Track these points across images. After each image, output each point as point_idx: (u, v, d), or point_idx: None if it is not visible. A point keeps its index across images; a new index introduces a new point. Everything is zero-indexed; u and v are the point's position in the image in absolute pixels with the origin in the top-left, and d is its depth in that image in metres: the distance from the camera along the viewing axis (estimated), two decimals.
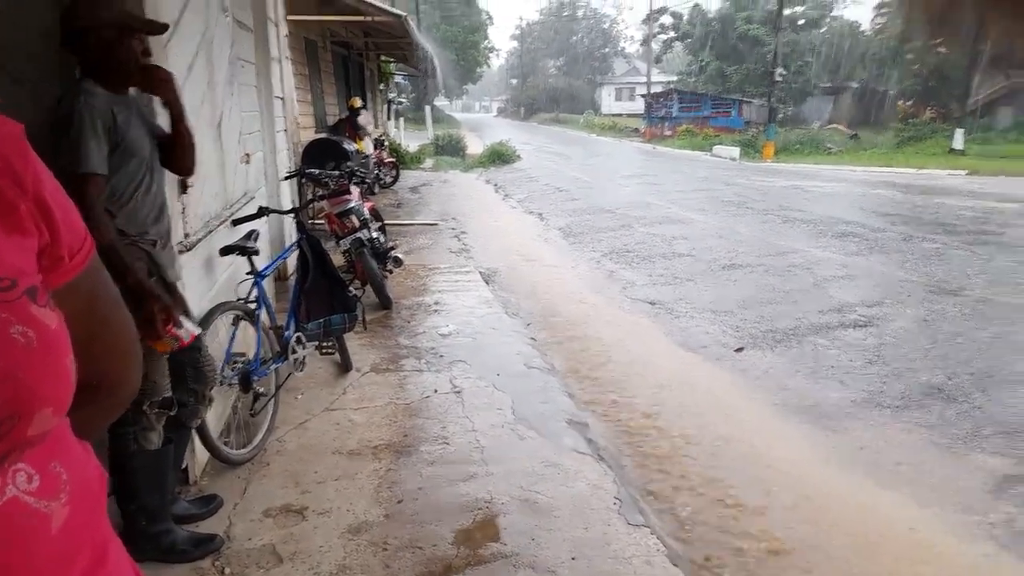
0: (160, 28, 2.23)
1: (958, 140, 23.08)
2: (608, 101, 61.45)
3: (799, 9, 37.86)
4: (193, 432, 2.81)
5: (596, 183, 16.35)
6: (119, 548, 0.71)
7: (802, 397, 4.27)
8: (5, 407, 0.53)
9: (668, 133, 34.48)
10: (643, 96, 40.76)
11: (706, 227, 10.14)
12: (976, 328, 5.36)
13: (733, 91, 37.90)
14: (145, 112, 2.37)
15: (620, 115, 51.36)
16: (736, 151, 24.42)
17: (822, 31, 38.62)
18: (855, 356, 4.86)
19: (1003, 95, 28.99)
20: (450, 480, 3.12)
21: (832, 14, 39.21)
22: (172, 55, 2.74)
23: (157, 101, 2.39)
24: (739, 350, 5.11)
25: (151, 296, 2.11)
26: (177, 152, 2.41)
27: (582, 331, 5.61)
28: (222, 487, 3.00)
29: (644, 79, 45.05)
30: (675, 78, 46.70)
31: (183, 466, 2.91)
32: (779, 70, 25.81)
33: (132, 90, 2.28)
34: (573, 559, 2.58)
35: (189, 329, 2.25)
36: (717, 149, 26.02)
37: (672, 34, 45.96)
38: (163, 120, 2.44)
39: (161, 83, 2.27)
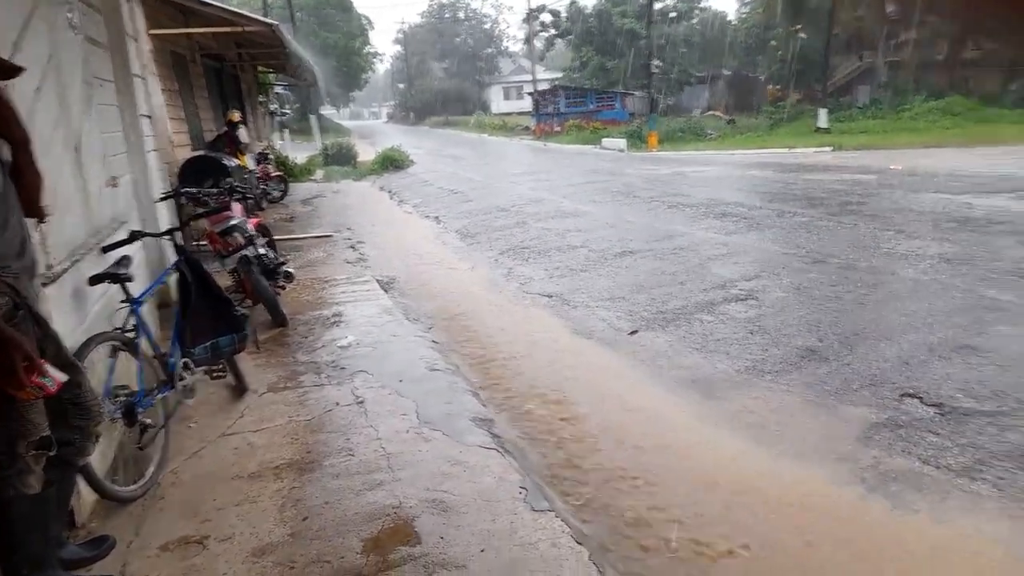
0: (12, 71, 2.11)
1: (822, 119, 24.79)
2: (497, 100, 61.99)
3: (669, 2, 39.58)
4: (78, 473, 2.66)
5: (490, 183, 16.49)
6: None
7: (692, 371, 4.51)
8: None
9: (558, 129, 35.18)
10: (530, 94, 41.39)
11: (597, 218, 10.45)
12: (843, 292, 5.81)
13: (616, 84, 39.11)
14: None
15: (510, 114, 51.91)
16: (623, 143, 25.22)
17: (693, 22, 40.54)
18: (738, 329, 5.17)
19: (859, 75, 31.42)
20: (356, 491, 3.10)
21: (700, 6, 41.23)
22: (16, 80, 2.58)
23: None
24: (633, 333, 5.32)
25: (11, 344, 1.97)
26: (23, 188, 2.26)
27: (483, 330, 5.68)
28: (114, 527, 2.86)
29: (530, 77, 45.74)
30: (560, 74, 47.72)
31: (68, 509, 2.75)
32: (655, 62, 26.91)
33: None
34: (482, 551, 2.63)
35: (55, 377, 2.11)
36: (605, 142, 26.79)
37: (553, 31, 46.92)
38: (5, 154, 2.29)
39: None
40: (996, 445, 3.31)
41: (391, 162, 20.83)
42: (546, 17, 46.60)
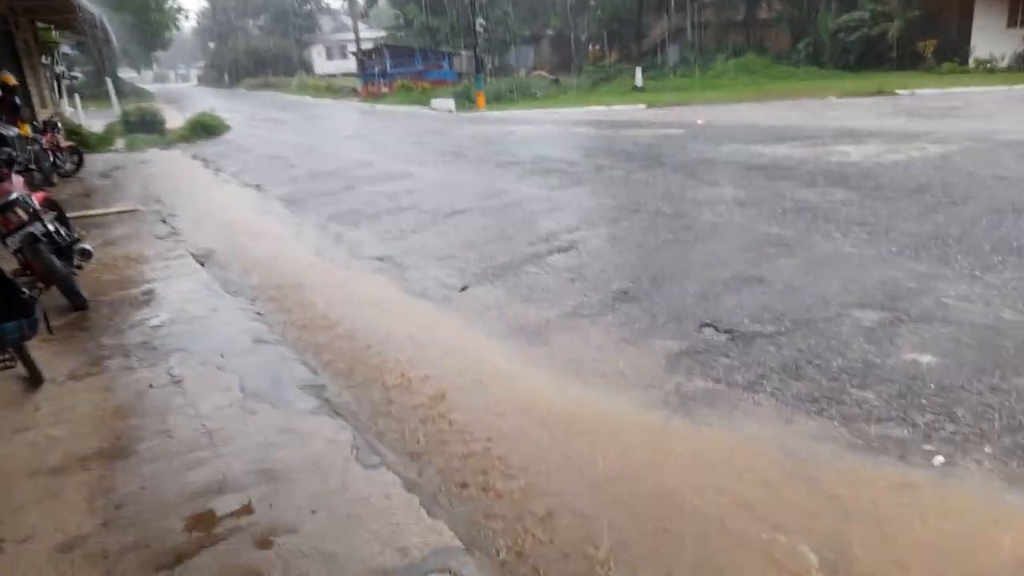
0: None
1: (638, 78, 26.23)
2: (320, 61, 59.23)
3: None
4: None
5: (316, 147, 15.86)
6: None
7: (518, 320, 4.70)
8: None
9: (385, 90, 34.34)
10: (354, 53, 39.97)
11: (427, 179, 10.43)
12: (652, 238, 6.29)
13: (442, 44, 38.72)
14: None
15: (335, 75, 49.88)
16: (452, 103, 25.15)
17: None
18: (560, 278, 5.44)
19: (670, 35, 33.40)
20: (176, 472, 2.96)
21: None
22: None
23: None
24: (463, 289, 5.44)
25: None
26: None
27: (312, 297, 5.54)
28: None
29: (353, 36, 44.05)
30: (384, 33, 46.38)
31: None
32: (480, 21, 26.88)
33: None
34: (314, 512, 2.64)
35: None
36: (435, 102, 26.57)
37: None
38: None
39: None
40: (775, 361, 3.79)
41: (204, 128, 19.34)
42: None
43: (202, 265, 6.34)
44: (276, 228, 8.22)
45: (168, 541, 2.51)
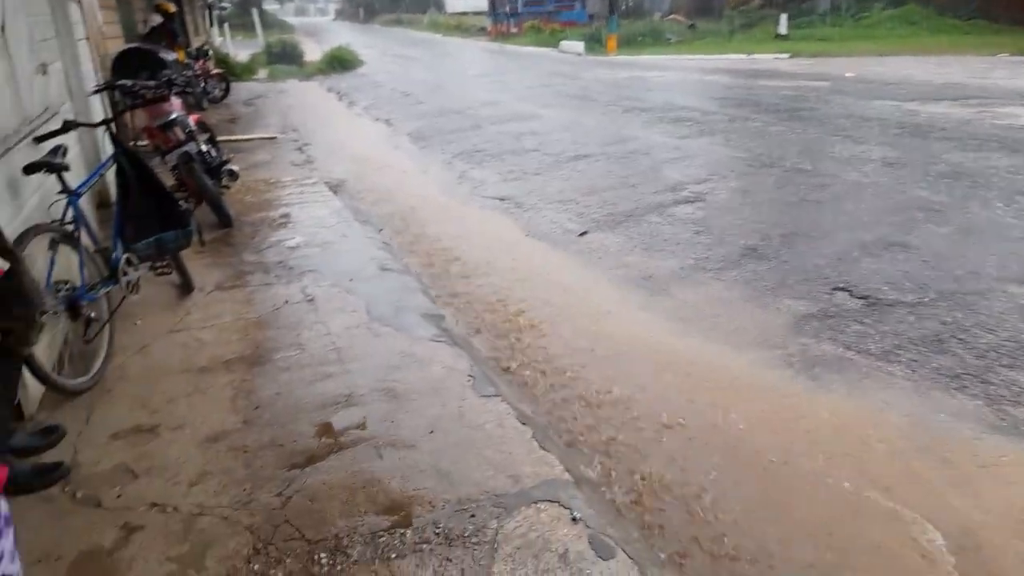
0: None
1: (783, 25, 24.48)
2: None
3: None
4: (24, 364, 2.65)
5: (443, 85, 16.02)
6: None
7: (638, 269, 4.63)
8: None
9: (515, 30, 34.00)
10: None
11: (553, 122, 10.32)
12: (787, 195, 5.95)
13: None
14: None
15: (465, 13, 49.78)
16: (581, 46, 24.56)
17: None
18: (685, 229, 5.28)
19: None
20: (307, 382, 3.17)
21: None
22: None
23: None
24: (583, 234, 5.39)
25: None
26: None
27: (434, 231, 5.68)
28: (63, 417, 2.88)
29: None
30: None
31: (15, 400, 2.75)
32: None
33: None
34: (431, 433, 2.75)
35: None
36: (563, 44, 26.05)
37: None
38: None
39: None
40: (914, 332, 3.53)
41: (340, 62, 19.97)
42: None
43: (335, 193, 6.62)
44: (403, 163, 8.43)
45: (300, 443, 2.70)
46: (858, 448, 2.73)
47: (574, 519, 2.26)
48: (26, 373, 2.75)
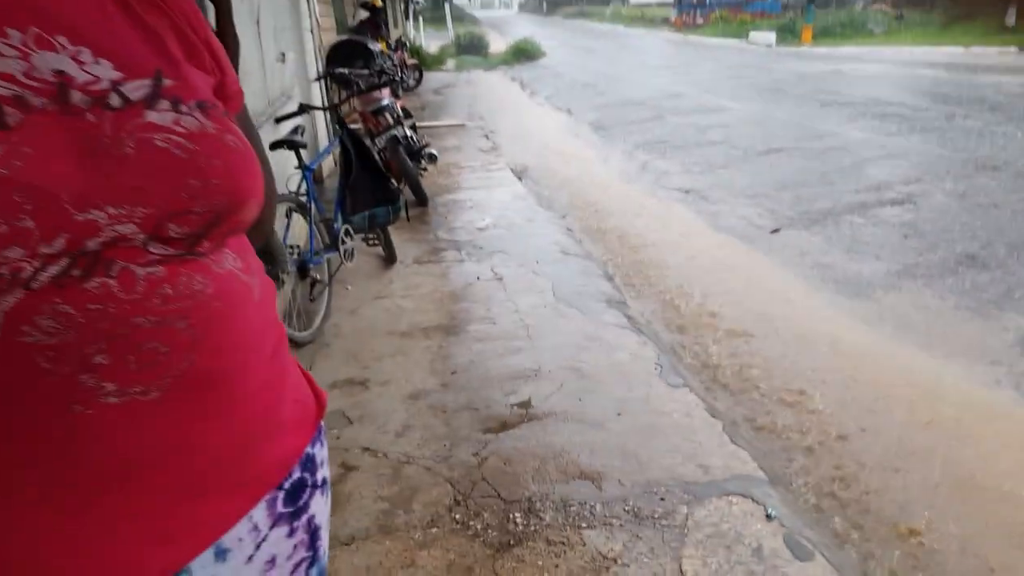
0: None
1: (1011, 16, 21.66)
2: None
3: None
4: None
5: (625, 76, 15.91)
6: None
7: (836, 271, 4.36)
8: (228, 196, 0.65)
9: (701, 21, 32.95)
10: None
11: (741, 114, 9.92)
12: (1015, 200, 5.31)
13: None
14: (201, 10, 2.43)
15: (649, 4, 49.02)
16: (772, 37, 23.33)
17: None
18: (891, 232, 4.88)
19: None
20: (499, 354, 3.33)
21: None
22: None
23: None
24: (775, 231, 5.16)
25: None
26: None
27: (616, 219, 5.70)
28: None
29: None
30: None
31: None
32: None
33: None
34: (619, 415, 2.79)
35: None
36: (753, 36, 24.87)
37: None
38: (211, 17, 2.50)
39: None
40: None
41: (523, 53, 20.49)
42: None
43: (519, 179, 6.83)
44: (585, 151, 8.51)
45: (493, 409, 2.85)
46: None
47: (768, 516, 2.20)
48: None
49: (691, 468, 2.45)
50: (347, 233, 3.86)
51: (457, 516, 2.27)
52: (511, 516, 2.26)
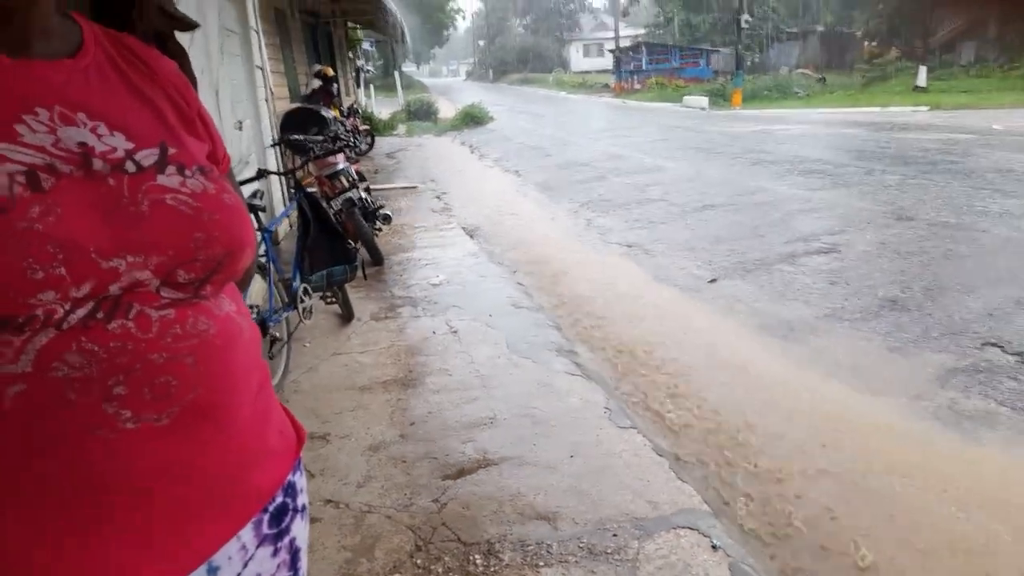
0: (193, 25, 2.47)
1: (922, 77, 23.48)
2: (577, 58, 61.10)
3: None
4: None
5: (569, 139, 16.55)
6: None
7: (771, 317, 4.64)
8: (227, 246, 0.78)
9: (638, 87, 34.55)
10: (611, 51, 40.66)
11: (677, 173, 10.45)
12: (930, 247, 5.76)
13: (701, 41, 37.91)
14: None
15: (589, 72, 51.19)
16: (705, 100, 24.64)
17: None
18: (819, 279, 5.23)
19: (964, 30, 29.37)
20: (455, 404, 3.45)
21: None
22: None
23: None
24: (712, 281, 5.46)
25: None
26: None
27: (565, 274, 5.93)
28: None
29: (612, 34, 44.79)
30: (643, 31, 46.56)
31: None
32: (745, 17, 25.89)
33: None
34: (571, 457, 2.93)
35: None
36: (687, 100, 26.21)
37: None
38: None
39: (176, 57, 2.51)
40: None
41: (471, 118, 21.10)
42: None
43: (471, 237, 7.06)
44: (533, 210, 8.82)
45: (451, 457, 2.96)
46: (1010, 505, 2.64)
47: (714, 547, 2.35)
48: None
49: (641, 504, 2.60)
50: (305, 292, 3.97)
51: (419, 561, 2.35)
52: (471, 558, 2.35)
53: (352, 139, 12.86)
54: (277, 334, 3.65)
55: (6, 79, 0.68)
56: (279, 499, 0.90)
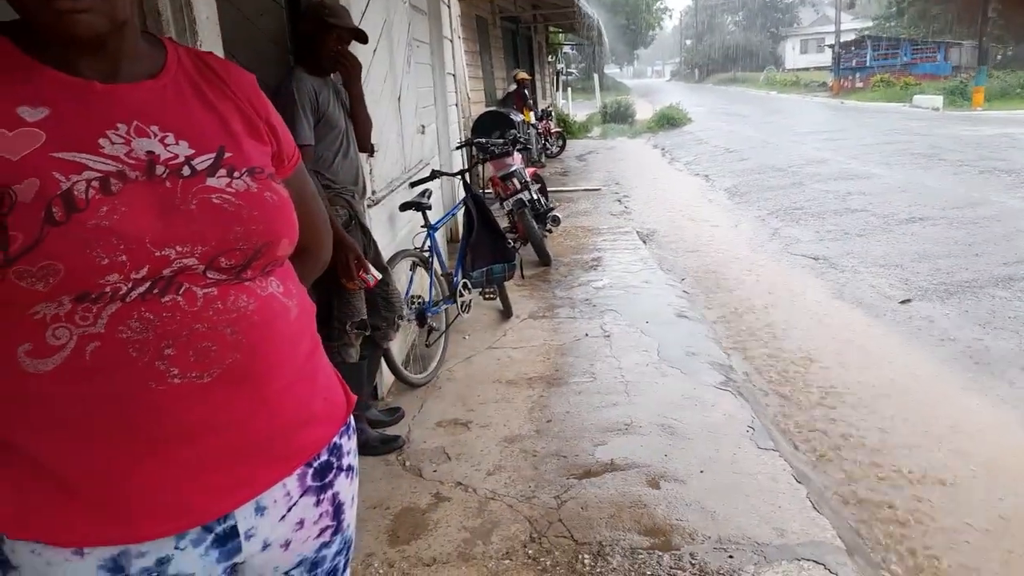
0: (366, 37, 2.79)
1: None
2: (792, 55, 57.36)
3: None
4: (382, 356, 3.40)
5: (770, 141, 15.66)
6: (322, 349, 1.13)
7: (970, 346, 4.11)
8: (264, 237, 0.92)
9: (860, 85, 31.72)
10: (831, 46, 37.69)
11: (888, 181, 9.49)
12: None
13: (941, 33, 33.88)
14: (341, 92, 2.93)
15: (806, 69, 47.85)
16: (939, 100, 22.01)
17: None
18: None
19: None
20: (595, 407, 3.48)
21: None
22: (356, 48, 3.29)
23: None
24: (905, 302, 4.94)
25: (347, 246, 2.65)
26: (356, 130, 2.95)
27: (736, 284, 5.69)
28: (404, 403, 3.59)
29: (833, 28, 41.50)
30: (870, 24, 42.61)
31: (375, 383, 3.53)
32: (993, 4, 22.68)
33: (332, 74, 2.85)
34: (701, 472, 2.85)
35: (374, 275, 2.78)
36: (917, 99, 23.59)
37: None
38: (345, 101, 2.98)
39: (349, 70, 2.82)
40: None
41: (668, 120, 20.73)
42: None
43: (644, 242, 6.99)
44: (716, 217, 8.51)
45: (580, 458, 3.01)
46: None
47: None
48: (383, 364, 3.52)
49: (766, 530, 2.47)
50: (465, 287, 4.21)
51: (530, 552, 2.43)
52: (580, 557, 2.39)
53: (543, 142, 13.28)
54: (435, 325, 3.92)
55: (97, 102, 0.85)
56: (323, 457, 1.02)
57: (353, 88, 2.89)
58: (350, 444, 1.10)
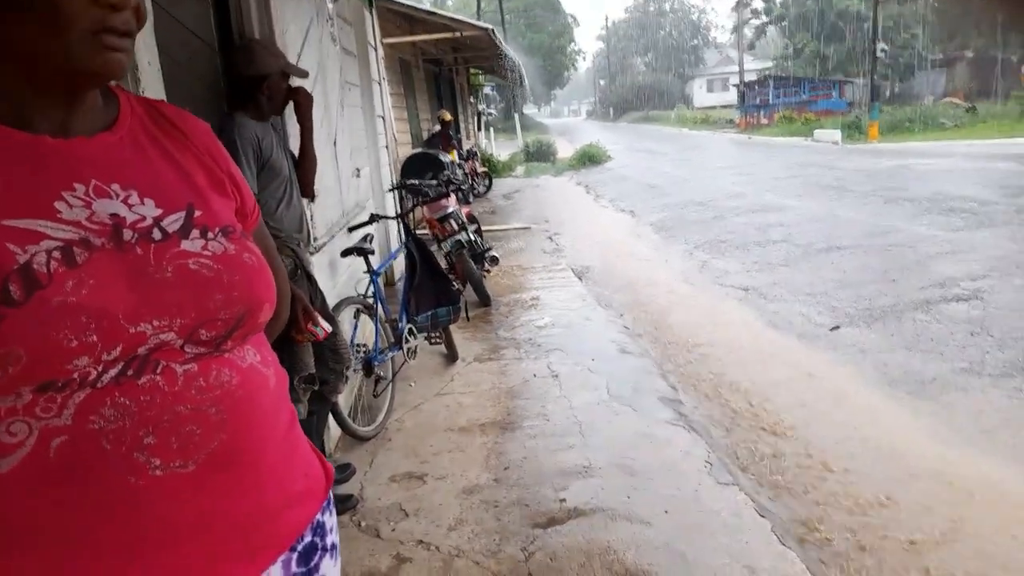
0: (306, 73, 2.71)
1: None
2: (700, 94, 60.30)
3: None
4: (330, 410, 3.24)
5: (688, 177, 16.27)
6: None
7: (899, 369, 4.29)
8: (246, 304, 0.83)
9: (765, 121, 33.54)
10: (736, 86, 39.81)
11: (802, 212, 9.98)
12: None
13: (835, 72, 36.36)
14: (283, 137, 2.83)
15: (713, 107, 50.31)
16: (838, 134, 23.48)
17: None
18: (956, 329, 4.79)
19: None
20: (551, 450, 3.42)
21: None
22: (296, 84, 3.20)
23: (293, 122, 2.83)
24: (834, 329, 5.14)
25: (296, 298, 2.52)
26: (302, 170, 2.85)
27: (674, 318, 5.79)
28: (353, 458, 3.43)
29: (737, 68, 43.92)
30: (770, 64, 45.38)
31: (322, 439, 3.36)
32: (881, 45, 24.57)
33: (272, 118, 2.74)
34: (666, 512, 2.82)
35: (323, 327, 2.65)
36: (818, 133, 25.10)
37: (765, 18, 44.74)
38: (294, 142, 2.89)
39: (301, 104, 2.74)
40: None
41: (589, 158, 21.25)
42: (758, 3, 44.52)
43: (580, 279, 7.05)
44: (645, 251, 8.71)
45: (543, 505, 2.93)
46: None
47: None
48: (329, 417, 3.36)
49: (737, 568, 2.45)
50: (411, 332, 4.11)
51: None
52: None
53: (469, 182, 13.33)
54: (382, 373, 3.79)
55: (49, 160, 0.74)
56: (307, 538, 0.93)
57: (306, 123, 2.80)
58: (332, 520, 1.01)
